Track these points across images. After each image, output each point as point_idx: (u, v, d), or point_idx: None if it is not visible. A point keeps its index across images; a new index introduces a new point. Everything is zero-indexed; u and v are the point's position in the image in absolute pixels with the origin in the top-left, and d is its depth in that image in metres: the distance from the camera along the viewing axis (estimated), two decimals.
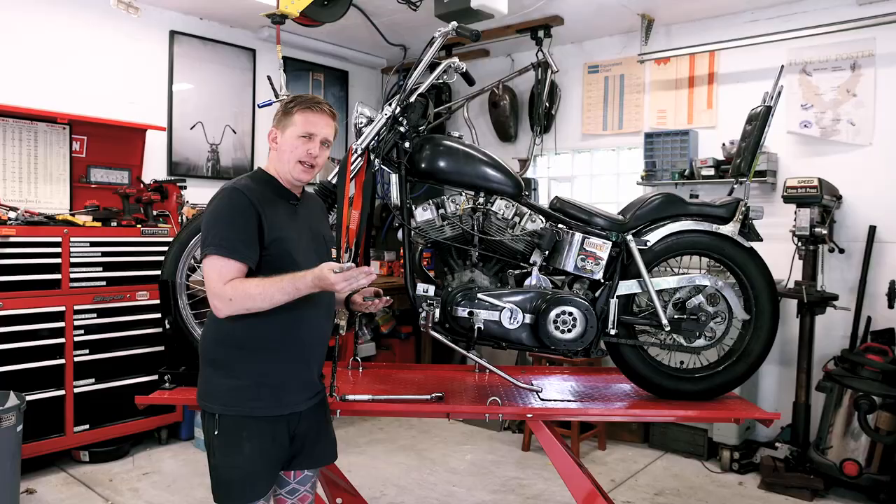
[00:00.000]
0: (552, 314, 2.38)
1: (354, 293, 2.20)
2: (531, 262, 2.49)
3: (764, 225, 2.61)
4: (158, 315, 2.70)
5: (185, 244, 2.53)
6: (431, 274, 2.94)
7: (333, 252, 2.18)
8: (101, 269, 3.84)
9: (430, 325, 2.36)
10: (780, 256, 3.85)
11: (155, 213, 4.18)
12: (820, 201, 3.72)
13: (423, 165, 2.44)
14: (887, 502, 3.48)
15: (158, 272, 2.58)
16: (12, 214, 3.58)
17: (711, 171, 4.39)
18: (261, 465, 1.93)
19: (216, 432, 1.91)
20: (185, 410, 4.13)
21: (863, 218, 4.03)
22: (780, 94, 2.57)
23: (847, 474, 3.53)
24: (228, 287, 1.83)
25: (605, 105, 5.20)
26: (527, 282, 2.50)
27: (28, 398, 3.23)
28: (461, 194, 2.48)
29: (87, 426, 3.79)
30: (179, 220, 4.28)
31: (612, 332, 2.45)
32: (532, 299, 2.43)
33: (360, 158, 2.42)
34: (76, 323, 3.74)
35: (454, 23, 2.43)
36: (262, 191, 1.94)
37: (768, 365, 4.27)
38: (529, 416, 2.33)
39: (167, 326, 2.54)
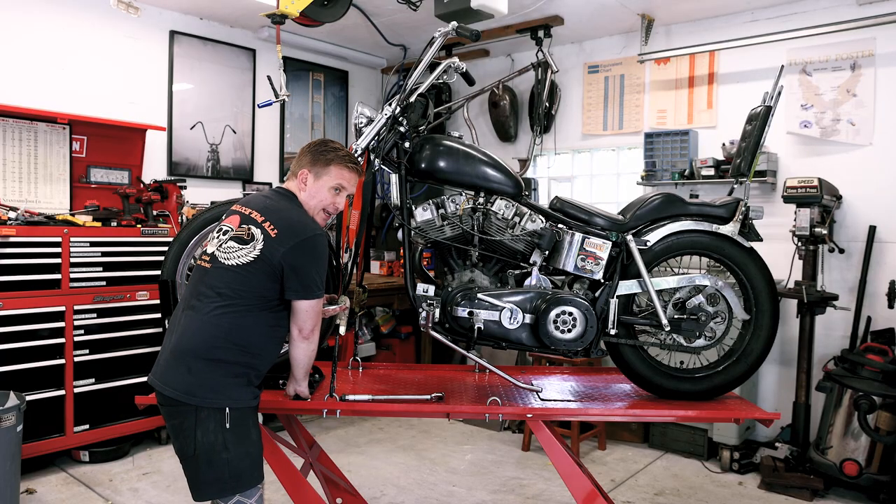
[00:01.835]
0: (552, 314, 2.38)
1: None
2: (531, 262, 2.49)
3: (764, 225, 2.61)
4: (158, 315, 2.71)
5: (185, 244, 2.53)
6: (431, 274, 2.95)
7: None
8: (101, 269, 3.83)
9: (430, 325, 2.36)
10: (780, 256, 3.85)
11: (155, 213, 4.18)
12: (820, 201, 3.72)
13: (422, 165, 2.44)
14: (887, 502, 3.48)
15: (158, 272, 2.58)
16: (12, 214, 3.58)
17: (711, 171, 4.39)
18: (261, 448, 2.10)
19: (228, 426, 1.97)
20: None
21: (863, 218, 4.03)
22: (780, 94, 2.57)
23: (847, 474, 3.53)
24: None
25: (605, 105, 5.20)
26: (527, 282, 2.50)
27: (28, 398, 3.23)
28: (461, 194, 2.48)
29: (87, 426, 3.79)
30: (179, 220, 4.28)
31: (612, 332, 2.45)
32: (532, 299, 2.43)
33: (360, 158, 2.42)
34: (76, 323, 3.74)
35: (454, 23, 2.43)
36: None
37: (768, 365, 4.27)
38: (529, 416, 2.33)
39: (167, 326, 2.54)
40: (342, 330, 2.34)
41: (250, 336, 2.03)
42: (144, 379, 3.91)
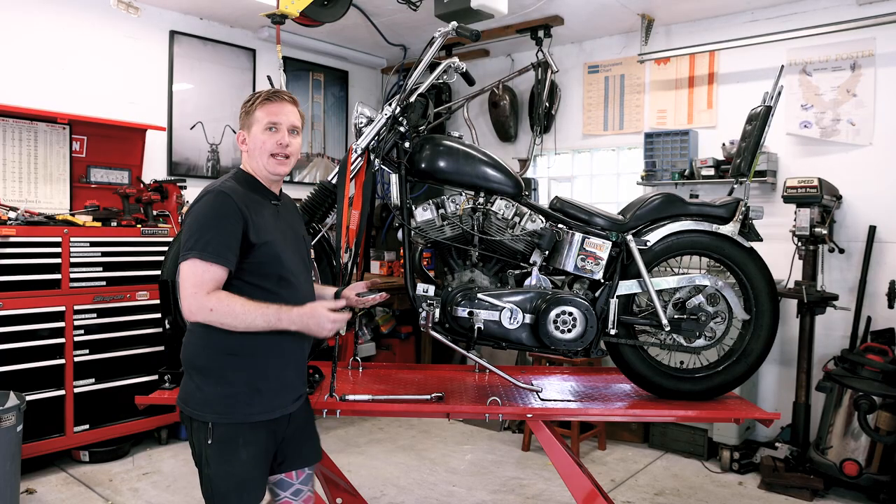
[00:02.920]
0: (552, 314, 2.38)
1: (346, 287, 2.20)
2: (531, 262, 2.49)
3: (764, 225, 2.61)
4: (158, 315, 2.70)
5: None
6: (431, 274, 2.95)
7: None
8: (101, 269, 3.84)
9: (430, 325, 2.36)
10: (780, 256, 3.85)
11: (155, 213, 4.19)
12: (820, 201, 3.72)
13: (423, 165, 2.44)
14: (887, 502, 3.48)
15: (158, 272, 2.58)
16: (12, 214, 3.58)
17: (711, 171, 4.39)
18: (256, 470, 1.93)
19: (210, 441, 1.87)
20: None
21: (863, 218, 4.03)
22: (780, 94, 2.57)
23: (847, 474, 3.53)
24: (213, 298, 1.80)
25: (605, 105, 5.20)
26: (527, 282, 2.50)
27: (28, 398, 3.23)
28: (461, 194, 2.48)
29: (87, 426, 3.79)
30: (179, 220, 4.28)
31: (612, 332, 2.45)
32: (532, 299, 2.43)
33: (360, 158, 2.42)
34: (76, 323, 3.74)
35: (454, 23, 2.43)
36: (246, 193, 1.93)
37: (768, 365, 4.27)
38: (529, 416, 2.33)
39: (167, 326, 2.54)
40: (342, 330, 2.33)
41: (228, 337, 1.85)
42: (144, 379, 3.97)
